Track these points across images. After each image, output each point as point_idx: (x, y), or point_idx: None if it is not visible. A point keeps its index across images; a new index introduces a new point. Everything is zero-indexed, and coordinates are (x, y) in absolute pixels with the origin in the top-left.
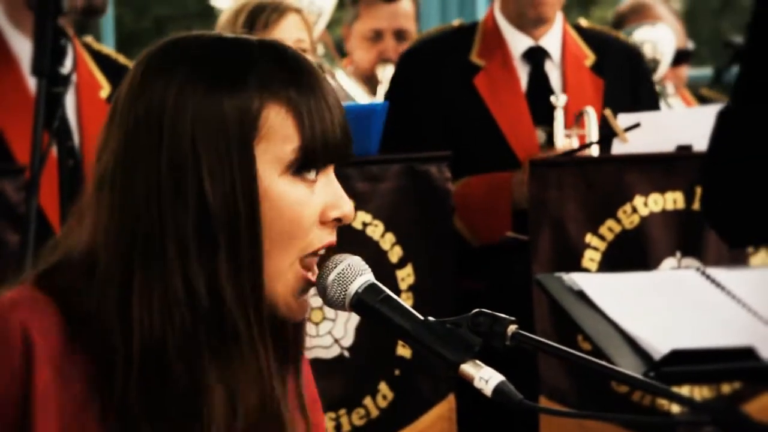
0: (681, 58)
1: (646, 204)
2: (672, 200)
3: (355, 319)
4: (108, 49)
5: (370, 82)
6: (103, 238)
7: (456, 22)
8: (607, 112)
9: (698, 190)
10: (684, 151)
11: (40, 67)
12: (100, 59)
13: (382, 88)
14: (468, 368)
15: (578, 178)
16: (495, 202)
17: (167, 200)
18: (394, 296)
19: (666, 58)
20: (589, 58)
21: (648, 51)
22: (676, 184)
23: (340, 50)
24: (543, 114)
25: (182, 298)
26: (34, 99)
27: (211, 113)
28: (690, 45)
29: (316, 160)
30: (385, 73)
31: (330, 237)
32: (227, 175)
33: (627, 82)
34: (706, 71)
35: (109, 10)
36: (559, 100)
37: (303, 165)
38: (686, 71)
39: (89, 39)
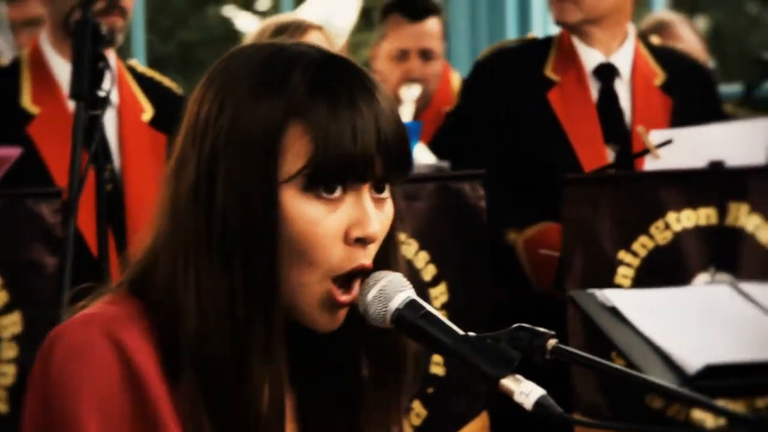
0: None
1: (678, 220)
2: (705, 216)
3: None
4: (153, 72)
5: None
6: (159, 241)
7: (530, 35)
8: (640, 129)
9: (731, 206)
10: (716, 166)
11: (78, 90)
12: (144, 82)
13: (406, 108)
14: (508, 383)
15: (611, 195)
16: None
17: (202, 206)
18: (435, 312)
19: None
20: (659, 76)
21: None
22: (708, 200)
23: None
24: (613, 132)
25: (208, 296)
26: (72, 122)
27: (242, 123)
28: (711, 64)
29: (327, 179)
30: (409, 93)
31: (361, 259)
32: (247, 186)
33: (696, 101)
34: (734, 88)
35: (140, 35)
36: None
37: (313, 184)
38: None
39: (134, 62)
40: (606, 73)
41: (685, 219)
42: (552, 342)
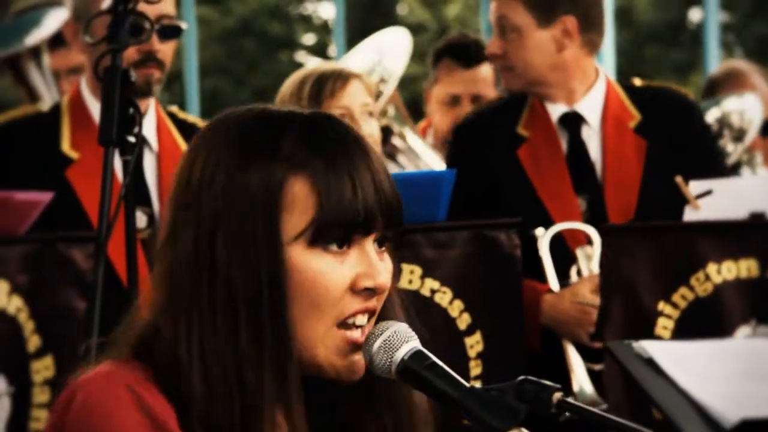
0: None
1: (719, 271)
2: (746, 268)
3: None
4: (194, 117)
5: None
6: (159, 311)
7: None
8: (679, 179)
9: None
10: (757, 218)
11: (107, 135)
12: (185, 128)
13: None
14: None
15: (650, 245)
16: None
17: (203, 271)
18: (440, 363)
19: (753, 127)
20: (635, 118)
21: (735, 120)
22: (749, 252)
23: (416, 106)
24: (584, 181)
25: (214, 359)
26: (102, 168)
27: (238, 185)
28: None
29: (334, 233)
30: None
31: (363, 304)
32: (251, 246)
33: (677, 139)
34: None
35: (195, 79)
36: None
37: (319, 237)
38: None
39: (174, 108)
40: (571, 121)
41: (726, 271)
42: (557, 395)
